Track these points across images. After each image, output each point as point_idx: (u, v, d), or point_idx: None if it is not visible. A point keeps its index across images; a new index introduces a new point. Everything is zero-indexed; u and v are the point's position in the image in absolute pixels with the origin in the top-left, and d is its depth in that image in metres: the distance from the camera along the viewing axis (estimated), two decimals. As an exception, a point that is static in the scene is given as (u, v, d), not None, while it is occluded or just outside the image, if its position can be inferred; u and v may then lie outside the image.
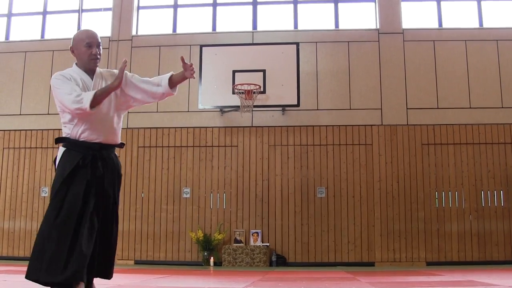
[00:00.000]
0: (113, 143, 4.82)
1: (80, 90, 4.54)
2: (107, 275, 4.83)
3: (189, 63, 4.71)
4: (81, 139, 4.60)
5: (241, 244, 12.96)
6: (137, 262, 13.21)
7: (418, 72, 13.64)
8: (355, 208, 13.18)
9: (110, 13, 14.67)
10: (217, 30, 14.56)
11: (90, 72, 4.81)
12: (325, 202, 13.25)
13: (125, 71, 4.74)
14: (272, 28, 14.41)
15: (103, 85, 4.71)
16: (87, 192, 4.54)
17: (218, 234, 12.87)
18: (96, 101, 4.43)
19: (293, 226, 13.19)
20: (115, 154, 4.89)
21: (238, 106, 12.84)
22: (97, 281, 4.94)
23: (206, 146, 13.67)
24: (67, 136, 4.63)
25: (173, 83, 4.82)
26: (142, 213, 13.52)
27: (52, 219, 4.45)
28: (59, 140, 4.70)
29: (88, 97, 4.41)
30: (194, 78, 4.86)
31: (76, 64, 4.90)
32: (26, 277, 4.45)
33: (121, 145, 4.95)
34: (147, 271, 9.92)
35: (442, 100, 13.46)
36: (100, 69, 4.90)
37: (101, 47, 4.85)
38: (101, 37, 4.95)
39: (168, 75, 4.82)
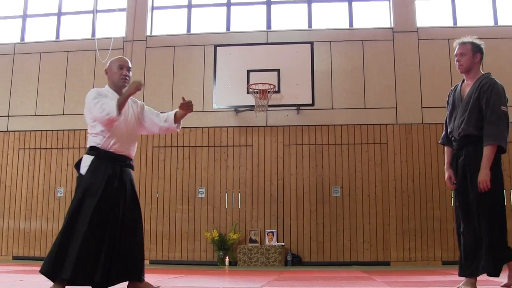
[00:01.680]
0: (132, 157, 5.55)
1: (109, 101, 5.21)
2: (139, 277, 5.33)
3: (187, 100, 5.63)
4: (111, 150, 5.27)
5: (256, 244, 12.96)
6: (152, 262, 13.23)
7: (433, 70, 13.58)
8: (370, 207, 13.14)
9: (124, 13, 14.71)
10: (231, 30, 14.56)
11: (120, 93, 5.42)
12: (340, 201, 13.22)
13: (144, 104, 5.78)
14: (286, 27, 14.39)
15: (130, 108, 5.52)
16: (114, 199, 5.19)
17: (233, 234, 12.88)
18: (120, 106, 5.10)
19: (308, 225, 13.17)
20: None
21: (253, 106, 12.84)
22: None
23: (221, 146, 13.68)
24: (98, 146, 5.25)
25: (177, 118, 5.72)
26: (157, 213, 13.55)
27: (76, 220, 4.99)
28: (92, 149, 5.27)
29: (112, 105, 5.09)
30: (190, 111, 5.72)
31: (108, 85, 5.55)
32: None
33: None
34: (163, 271, 9.94)
35: (458, 98, 13.36)
36: None
37: (131, 72, 5.56)
38: (115, 38, 5.36)
39: (173, 112, 5.73)
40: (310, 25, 14.37)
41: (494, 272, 5.18)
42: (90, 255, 4.90)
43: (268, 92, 12.65)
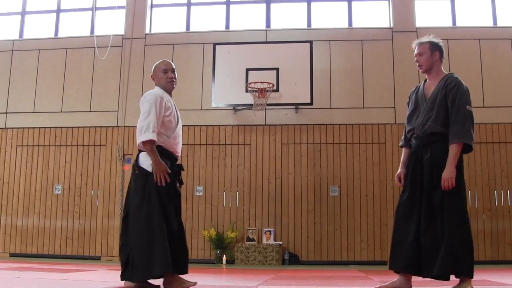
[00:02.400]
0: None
1: (153, 125, 5.29)
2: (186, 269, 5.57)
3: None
4: (171, 150, 5.58)
5: (254, 243, 12.96)
6: (149, 260, 13.20)
7: (432, 70, 13.54)
8: (368, 207, 13.14)
9: (123, 11, 14.69)
10: (231, 28, 14.55)
11: (169, 94, 5.76)
12: (338, 201, 13.22)
13: None
14: (285, 26, 14.40)
15: (178, 111, 5.80)
16: (175, 195, 5.46)
17: (231, 232, 12.88)
18: (147, 150, 5.24)
19: (306, 224, 13.17)
20: None
21: (251, 105, 12.83)
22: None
23: (219, 144, 13.67)
24: (162, 144, 5.45)
25: None
26: (155, 211, 13.52)
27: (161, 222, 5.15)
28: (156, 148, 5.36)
29: (152, 136, 5.24)
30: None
31: (157, 87, 5.75)
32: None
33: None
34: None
35: (456, 99, 13.36)
36: None
37: (176, 73, 5.79)
38: (114, 35, 5.23)
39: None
40: (309, 24, 14.37)
41: (443, 275, 5.05)
42: (178, 248, 5.29)
43: (267, 91, 12.65)
